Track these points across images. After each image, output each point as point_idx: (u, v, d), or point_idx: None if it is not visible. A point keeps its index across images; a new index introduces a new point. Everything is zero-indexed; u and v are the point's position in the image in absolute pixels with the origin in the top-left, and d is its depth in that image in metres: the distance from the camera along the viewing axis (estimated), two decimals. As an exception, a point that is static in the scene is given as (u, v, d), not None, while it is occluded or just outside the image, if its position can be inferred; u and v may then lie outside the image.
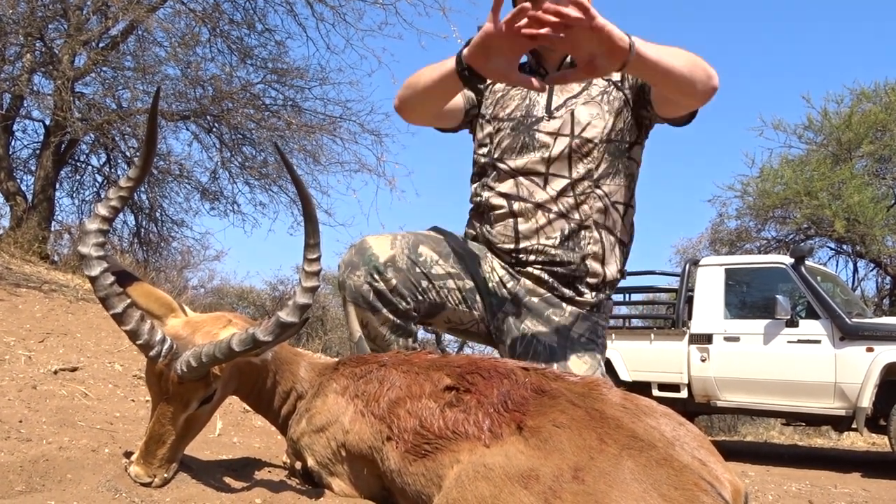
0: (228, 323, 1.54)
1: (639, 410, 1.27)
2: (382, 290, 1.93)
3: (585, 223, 2.10)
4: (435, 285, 2.02)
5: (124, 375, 3.26)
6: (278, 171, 10.26)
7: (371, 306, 1.93)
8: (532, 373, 1.40)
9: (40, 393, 2.41)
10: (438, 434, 1.37)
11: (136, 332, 1.39)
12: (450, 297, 2.05)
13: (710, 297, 7.44)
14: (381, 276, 1.93)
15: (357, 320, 1.97)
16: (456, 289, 2.06)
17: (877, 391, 6.18)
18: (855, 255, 13.10)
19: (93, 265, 1.36)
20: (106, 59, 8.63)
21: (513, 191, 2.11)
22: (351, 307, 1.97)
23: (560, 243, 2.09)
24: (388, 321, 1.95)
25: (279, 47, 9.92)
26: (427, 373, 1.51)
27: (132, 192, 1.42)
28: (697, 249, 15.20)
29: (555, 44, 1.56)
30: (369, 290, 1.93)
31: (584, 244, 2.10)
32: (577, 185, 2.08)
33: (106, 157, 10.37)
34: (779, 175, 12.58)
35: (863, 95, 12.68)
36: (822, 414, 6.66)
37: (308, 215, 1.35)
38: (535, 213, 2.09)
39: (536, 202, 2.09)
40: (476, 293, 2.10)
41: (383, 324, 1.95)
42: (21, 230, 8.35)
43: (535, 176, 2.10)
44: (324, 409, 1.63)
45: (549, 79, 1.80)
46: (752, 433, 11.68)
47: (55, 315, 4.69)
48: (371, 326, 1.95)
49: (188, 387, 1.44)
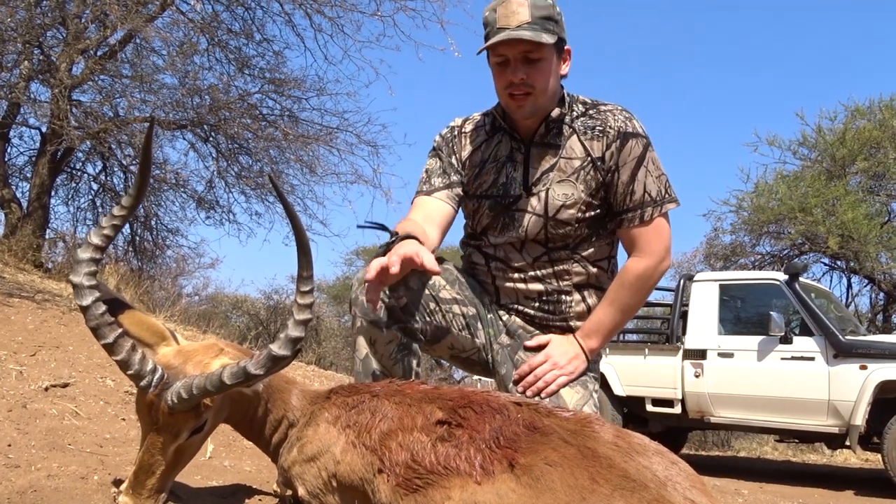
0: (220, 352, 1.53)
1: (631, 449, 1.27)
2: (394, 307, 1.93)
3: (564, 289, 2.15)
4: (441, 308, 2.05)
5: (116, 391, 3.24)
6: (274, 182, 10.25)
7: (383, 324, 1.93)
8: (524, 408, 1.40)
9: (31, 412, 2.39)
10: (430, 469, 1.37)
11: (126, 363, 1.38)
12: (454, 321, 2.07)
13: (705, 313, 7.46)
14: (394, 293, 1.93)
15: (366, 337, 1.95)
16: (460, 314, 2.08)
17: (870, 409, 6.20)
18: (849, 272, 13.14)
19: (84, 294, 1.36)
20: (104, 68, 8.63)
21: (491, 252, 2.19)
22: (360, 322, 1.95)
23: (539, 307, 2.16)
24: (396, 339, 1.94)
25: (277, 57, 9.94)
26: (419, 405, 1.50)
27: (125, 221, 1.42)
28: (692, 264, 15.24)
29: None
30: (380, 306, 1.92)
31: (564, 308, 2.15)
32: (552, 253, 2.13)
33: (102, 165, 10.36)
34: (773, 191, 12.63)
35: (857, 112, 12.75)
36: (815, 431, 6.67)
37: (302, 248, 1.35)
38: (513, 276, 2.17)
39: (514, 266, 2.16)
40: (478, 321, 2.12)
41: (391, 342, 1.94)
42: (15, 238, 8.32)
43: (513, 246, 2.17)
44: (315, 438, 1.62)
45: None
46: (746, 448, 11.67)
47: (48, 327, 4.66)
48: (379, 344, 1.94)
49: (179, 417, 1.44)
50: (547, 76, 2.01)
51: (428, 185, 2.19)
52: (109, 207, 10.59)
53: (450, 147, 2.22)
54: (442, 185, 2.18)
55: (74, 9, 8.33)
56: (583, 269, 2.13)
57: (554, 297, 2.14)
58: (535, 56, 1.98)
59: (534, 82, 2.00)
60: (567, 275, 2.13)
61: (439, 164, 2.21)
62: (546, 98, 2.04)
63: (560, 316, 2.15)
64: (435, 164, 2.22)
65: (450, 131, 2.25)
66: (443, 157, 2.21)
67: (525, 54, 1.98)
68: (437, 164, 2.21)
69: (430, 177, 2.20)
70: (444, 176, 2.19)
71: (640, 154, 2.03)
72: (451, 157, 2.21)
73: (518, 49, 1.97)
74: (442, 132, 2.27)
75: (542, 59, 1.99)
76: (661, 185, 2.05)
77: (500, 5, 1.99)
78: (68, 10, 8.33)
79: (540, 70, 2.00)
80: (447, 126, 2.28)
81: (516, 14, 1.95)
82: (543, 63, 2.00)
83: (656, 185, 2.04)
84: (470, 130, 2.23)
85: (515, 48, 1.97)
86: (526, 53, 1.98)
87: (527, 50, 1.97)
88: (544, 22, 1.96)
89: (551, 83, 2.04)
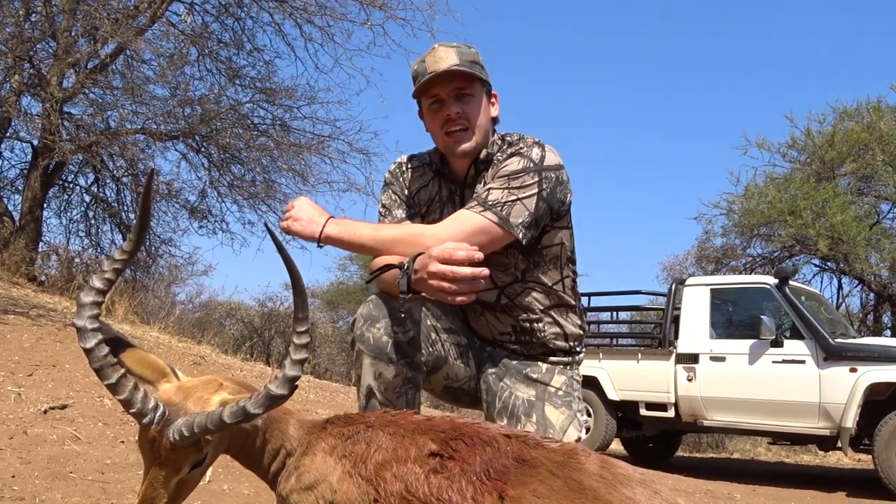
0: (220, 387, 1.58)
1: (615, 480, 1.32)
2: (401, 342, 1.97)
3: (534, 317, 2.19)
4: (440, 338, 2.10)
5: (113, 412, 3.28)
6: (266, 191, 10.29)
7: (389, 358, 1.96)
8: (514, 440, 1.45)
9: (31, 439, 2.43)
10: (423, 500, 1.42)
11: (129, 402, 1.42)
12: (451, 350, 2.13)
13: (696, 317, 7.54)
14: (401, 327, 1.97)
15: (372, 372, 1.98)
16: (455, 344, 2.15)
17: (860, 411, 6.28)
18: (839, 273, 13.26)
19: (88, 337, 1.40)
20: (95, 81, 8.65)
21: None
22: (367, 359, 1.98)
23: (516, 340, 2.21)
24: (401, 373, 1.98)
25: (268, 67, 10.01)
26: (412, 436, 1.55)
27: (127, 265, 1.46)
28: (684, 266, 15.34)
29: None
30: (388, 341, 1.96)
31: (540, 336, 2.20)
32: (507, 288, 2.18)
33: (94, 177, 10.38)
34: (763, 193, 12.73)
35: (845, 114, 12.86)
36: (807, 434, 6.76)
37: (297, 290, 1.40)
38: (481, 312, 2.21)
39: (479, 301, 2.19)
40: (469, 350, 2.18)
41: (397, 376, 1.97)
42: (8, 251, 8.33)
43: None
44: (312, 467, 1.66)
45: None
46: (740, 450, 11.76)
47: (43, 344, 4.69)
48: (384, 378, 1.97)
49: (180, 452, 1.48)
50: (480, 112, 2.09)
51: (391, 217, 2.23)
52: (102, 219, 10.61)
53: (399, 183, 2.27)
54: (404, 216, 2.23)
55: (64, 23, 8.36)
56: (542, 294, 2.18)
57: (528, 327, 2.19)
58: (468, 92, 2.06)
59: (469, 116, 2.07)
60: (530, 302, 2.18)
61: (396, 198, 2.26)
62: (481, 135, 2.10)
63: (538, 342, 2.21)
64: (392, 199, 2.26)
65: (397, 167, 2.30)
66: (396, 192, 2.26)
67: (458, 90, 2.06)
68: (395, 198, 2.26)
69: (390, 210, 2.25)
70: (402, 208, 2.24)
71: (514, 170, 2.01)
72: (403, 192, 2.26)
73: (452, 86, 2.05)
74: (390, 168, 2.32)
75: (474, 96, 2.08)
76: (504, 199, 1.98)
77: (427, 55, 2.08)
78: (58, 23, 8.36)
79: (473, 105, 2.08)
80: (394, 162, 2.33)
81: (444, 59, 2.04)
82: (475, 100, 2.08)
83: (501, 195, 1.99)
84: (415, 167, 2.28)
85: (449, 86, 2.05)
86: (459, 90, 2.06)
87: (459, 87, 2.06)
88: (472, 65, 2.05)
89: (484, 121, 2.11)
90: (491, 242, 1.98)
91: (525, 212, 1.99)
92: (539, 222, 2.06)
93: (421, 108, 2.18)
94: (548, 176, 2.02)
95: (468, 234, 1.94)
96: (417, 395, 2.04)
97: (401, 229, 2.02)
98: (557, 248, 2.18)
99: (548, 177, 2.02)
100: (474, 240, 1.92)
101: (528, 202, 2.00)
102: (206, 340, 9.24)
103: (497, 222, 1.96)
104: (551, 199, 2.05)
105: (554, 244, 2.17)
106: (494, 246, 2.01)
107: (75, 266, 9.66)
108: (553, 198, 2.06)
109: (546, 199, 2.03)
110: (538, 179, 2.01)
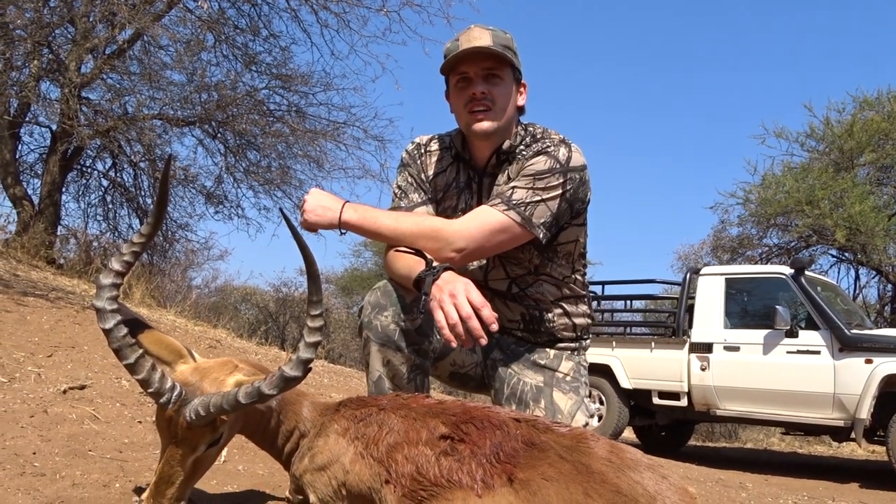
0: (235, 368, 1.61)
1: (623, 465, 1.34)
2: (409, 330, 1.99)
3: (543, 307, 2.20)
4: None
5: (131, 393, 3.33)
6: (282, 177, 10.34)
7: (397, 346, 1.99)
8: (523, 424, 1.47)
9: (51, 417, 2.48)
10: (434, 481, 1.44)
11: (147, 382, 1.46)
12: None
13: (711, 307, 7.52)
14: (408, 315, 1.99)
15: (380, 359, 2.01)
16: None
17: (875, 402, 6.26)
18: (856, 264, 13.14)
19: (107, 318, 1.43)
20: (112, 66, 8.71)
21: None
22: (374, 346, 2.01)
23: (524, 327, 2.22)
24: (409, 360, 2.00)
25: (284, 53, 9.99)
26: (424, 419, 1.58)
27: (145, 248, 1.49)
28: (699, 256, 15.27)
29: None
30: (395, 329, 1.98)
31: (548, 325, 2.21)
32: (518, 280, 2.19)
33: (112, 162, 10.46)
34: (780, 183, 12.62)
35: (865, 103, 12.69)
36: (820, 424, 6.73)
37: (311, 275, 1.43)
38: (493, 301, 2.18)
39: (490, 289, 2.21)
40: None
41: (405, 363, 2.00)
42: (28, 235, 8.43)
43: (481, 269, 2.22)
44: (325, 448, 1.70)
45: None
46: (753, 439, 11.74)
47: (62, 326, 4.76)
48: (392, 365, 2.00)
49: (196, 431, 1.52)
50: (507, 96, 2.08)
51: (406, 200, 2.22)
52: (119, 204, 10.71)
53: (417, 165, 2.25)
54: (420, 201, 2.22)
55: (82, 8, 8.40)
56: (553, 287, 2.20)
57: (537, 316, 2.21)
58: (497, 74, 2.05)
59: (494, 97, 2.05)
60: (540, 294, 2.19)
61: (412, 181, 2.24)
62: (504, 120, 2.09)
63: (546, 331, 2.22)
64: (408, 181, 2.25)
65: (416, 148, 2.28)
66: (413, 174, 2.25)
67: (487, 71, 2.05)
68: (410, 181, 2.24)
69: (406, 192, 2.23)
70: (419, 192, 2.23)
71: (540, 170, 2.01)
72: (420, 175, 2.25)
73: (480, 66, 2.04)
74: (408, 148, 2.30)
75: (503, 80, 2.07)
76: (528, 200, 1.98)
77: (462, 34, 2.07)
78: (76, 9, 8.41)
79: (500, 88, 2.06)
80: (412, 142, 2.31)
81: (479, 39, 2.03)
82: (503, 83, 2.07)
83: (525, 195, 1.99)
84: (435, 150, 2.26)
85: (478, 65, 2.04)
86: (488, 70, 2.05)
87: (489, 67, 2.04)
88: (505, 49, 2.04)
89: (510, 106, 2.09)
90: (510, 240, 2.00)
91: (547, 212, 2.00)
92: (559, 222, 2.07)
93: (448, 86, 2.16)
94: (573, 177, 2.02)
95: (489, 231, 1.96)
96: (426, 380, 2.06)
97: (422, 223, 2.01)
98: (572, 244, 2.19)
99: (572, 178, 2.02)
100: (495, 238, 1.95)
101: (552, 203, 2.00)
102: (222, 324, 9.34)
103: (520, 222, 1.97)
104: (573, 200, 2.06)
105: (569, 241, 2.18)
106: (514, 244, 2.03)
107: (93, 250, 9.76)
108: (575, 198, 2.07)
109: (568, 200, 2.04)
110: (563, 181, 2.01)
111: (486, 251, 2.03)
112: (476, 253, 2.00)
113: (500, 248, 2.04)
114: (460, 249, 1.95)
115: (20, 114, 9.06)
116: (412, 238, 1.97)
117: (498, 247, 2.02)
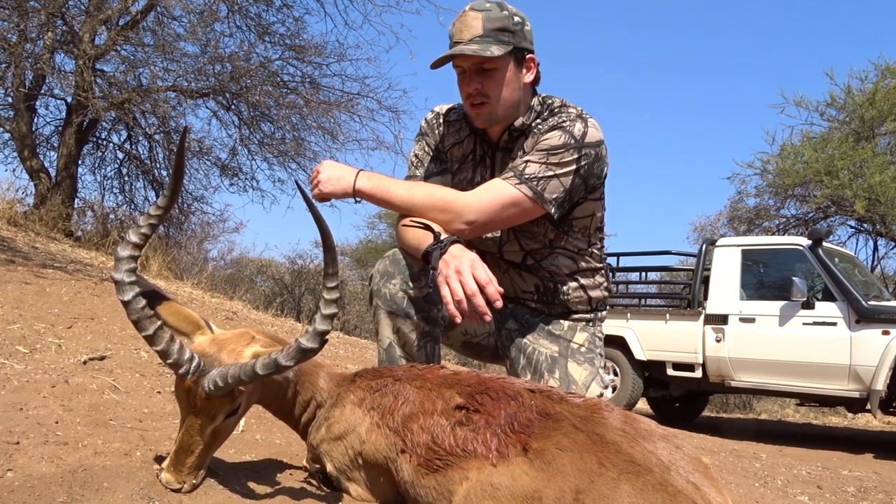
0: (252, 340, 1.63)
1: (637, 435, 1.34)
2: (417, 298, 2.01)
3: (558, 279, 2.19)
4: None
5: (150, 364, 3.38)
6: (296, 149, 10.33)
7: (405, 313, 2.01)
8: (538, 395, 1.48)
9: (73, 387, 2.52)
10: (449, 451, 1.46)
11: (165, 353, 1.48)
12: None
13: (726, 278, 7.48)
14: (416, 283, 2.01)
15: (389, 327, 2.04)
16: None
17: (891, 374, 6.23)
18: (875, 234, 12.98)
19: (126, 290, 1.45)
20: (126, 38, 8.70)
21: (478, 245, 2.19)
22: (383, 314, 2.03)
23: (538, 299, 2.22)
24: (419, 327, 2.03)
25: (297, 23, 9.92)
26: (439, 390, 1.59)
27: (161, 220, 1.50)
28: (716, 227, 15.12)
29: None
30: (404, 296, 2.01)
31: (563, 297, 2.21)
32: (533, 253, 2.19)
33: (127, 135, 10.49)
34: (799, 153, 12.44)
35: (888, 71, 12.40)
36: (836, 396, 6.71)
37: (327, 247, 1.43)
38: (508, 272, 2.22)
39: (505, 260, 2.22)
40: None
41: (414, 330, 2.03)
42: (45, 207, 8.51)
43: (494, 242, 2.22)
44: (342, 418, 1.72)
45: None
46: (767, 411, 11.75)
47: (82, 298, 4.82)
48: (402, 333, 2.03)
49: (215, 402, 1.54)
50: (501, 86, 2.04)
51: (422, 169, 2.23)
52: (135, 176, 10.76)
53: (434, 135, 2.25)
54: (436, 171, 2.22)
55: (96, -21, 8.38)
56: (569, 260, 2.19)
57: (552, 287, 2.21)
58: (489, 66, 2.02)
59: (488, 92, 2.03)
60: (556, 267, 2.19)
61: (429, 150, 2.25)
62: (505, 107, 2.06)
63: (560, 304, 2.22)
64: (425, 150, 2.25)
65: (435, 117, 2.28)
66: (430, 143, 2.25)
67: (478, 65, 2.03)
68: (427, 150, 2.25)
69: (422, 161, 2.24)
70: (436, 162, 2.23)
71: (554, 145, 1.99)
72: (437, 144, 2.25)
73: (471, 61, 2.03)
74: (427, 117, 2.29)
75: (496, 70, 2.03)
76: (541, 174, 1.97)
77: (457, 20, 2.04)
78: (90, -20, 8.38)
79: (494, 80, 2.03)
80: (431, 111, 2.30)
81: (469, 28, 2.00)
82: (497, 73, 2.03)
83: (538, 170, 1.98)
84: (452, 121, 2.25)
85: (468, 60, 2.02)
86: (479, 64, 2.03)
87: (479, 61, 2.02)
88: (497, 34, 1.99)
89: (507, 93, 2.05)
90: (521, 214, 2.00)
91: (560, 188, 1.99)
92: (572, 198, 2.06)
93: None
94: (587, 153, 2.00)
95: (500, 205, 1.96)
96: (437, 347, 2.08)
97: (434, 195, 2.00)
98: (588, 219, 2.18)
99: (587, 154, 2.00)
100: (505, 211, 1.96)
101: (565, 179, 1.99)
102: (238, 296, 9.42)
103: (531, 196, 1.96)
104: (588, 176, 2.05)
105: (585, 216, 2.17)
106: (524, 218, 2.03)
107: (110, 222, 9.84)
108: (590, 174, 2.05)
109: (583, 176, 2.03)
110: (577, 157, 1.99)
111: (497, 224, 2.03)
112: (486, 226, 2.01)
113: (511, 222, 2.04)
114: (470, 222, 1.96)
115: (35, 86, 9.09)
116: (423, 209, 1.98)
117: (509, 220, 2.02)
